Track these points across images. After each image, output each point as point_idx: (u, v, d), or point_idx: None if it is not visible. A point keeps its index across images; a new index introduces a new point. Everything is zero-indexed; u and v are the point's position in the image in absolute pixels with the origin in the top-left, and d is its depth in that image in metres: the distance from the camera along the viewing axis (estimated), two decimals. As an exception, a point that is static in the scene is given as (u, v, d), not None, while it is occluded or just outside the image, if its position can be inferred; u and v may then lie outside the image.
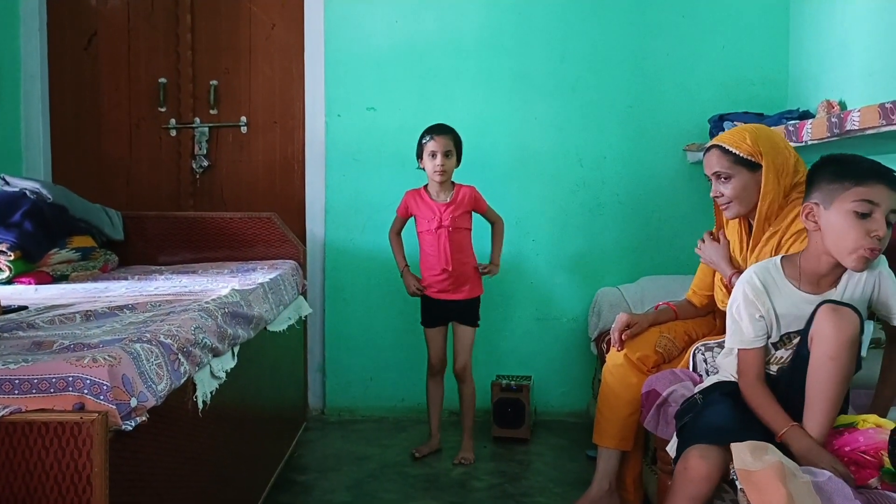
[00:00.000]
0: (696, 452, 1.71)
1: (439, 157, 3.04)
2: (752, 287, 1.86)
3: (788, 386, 1.77)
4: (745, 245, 2.24)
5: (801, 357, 1.74)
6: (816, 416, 1.67)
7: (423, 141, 3.10)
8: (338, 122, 3.71)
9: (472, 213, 3.18)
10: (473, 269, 3.16)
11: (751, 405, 1.79)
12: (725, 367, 2.02)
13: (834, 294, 1.80)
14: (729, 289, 2.20)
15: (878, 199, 1.69)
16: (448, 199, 3.12)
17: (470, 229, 3.17)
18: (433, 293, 3.15)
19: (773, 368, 1.85)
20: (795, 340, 1.81)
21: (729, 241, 2.30)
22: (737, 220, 2.27)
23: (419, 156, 3.13)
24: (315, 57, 3.71)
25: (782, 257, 1.91)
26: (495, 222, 3.24)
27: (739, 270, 2.19)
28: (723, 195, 2.20)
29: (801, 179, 2.18)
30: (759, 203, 2.15)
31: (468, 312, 3.16)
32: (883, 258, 1.81)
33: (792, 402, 1.73)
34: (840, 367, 1.63)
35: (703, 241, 2.37)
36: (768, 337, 1.85)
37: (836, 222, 1.73)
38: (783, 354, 1.84)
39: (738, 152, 2.17)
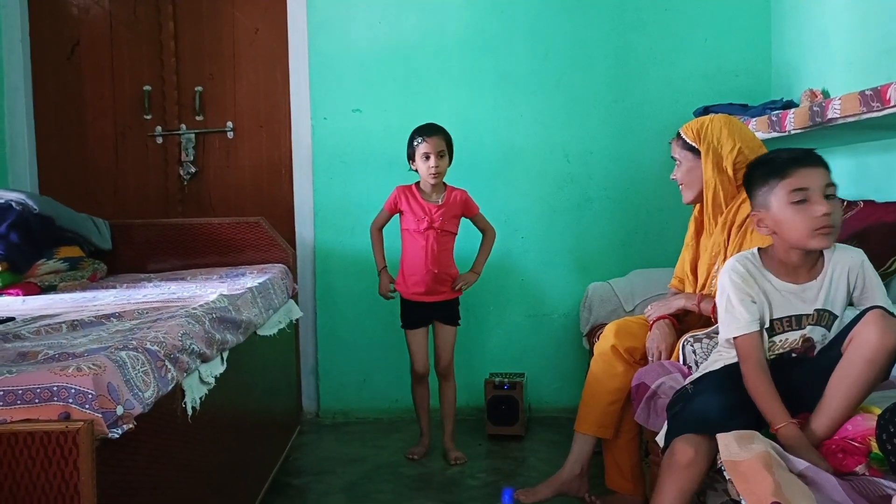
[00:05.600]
0: (682, 441, 1.72)
1: (433, 158, 3.01)
2: (738, 273, 1.84)
3: (806, 377, 1.76)
4: (706, 231, 2.36)
5: (828, 357, 1.73)
6: (832, 412, 1.64)
7: (415, 143, 3.06)
8: (324, 124, 3.71)
9: (461, 218, 3.17)
10: (454, 275, 3.15)
11: (752, 392, 1.77)
12: (724, 354, 1.97)
13: (814, 285, 1.82)
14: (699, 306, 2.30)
15: (805, 184, 1.75)
16: (440, 201, 3.10)
17: (455, 234, 3.15)
18: (412, 296, 3.14)
19: (773, 354, 1.85)
20: (791, 331, 1.83)
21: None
22: (699, 205, 2.39)
23: (411, 157, 3.09)
24: (299, 60, 3.71)
25: (759, 249, 1.91)
26: (486, 231, 3.22)
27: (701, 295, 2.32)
28: (676, 178, 2.40)
29: None
30: (704, 190, 2.29)
31: (448, 312, 3.16)
32: (860, 252, 1.83)
33: (804, 395, 1.72)
34: (872, 372, 1.62)
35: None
36: (762, 323, 1.82)
37: (783, 219, 1.78)
38: (783, 339, 1.84)
39: (685, 138, 2.34)
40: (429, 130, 3.06)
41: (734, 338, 1.83)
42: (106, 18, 3.81)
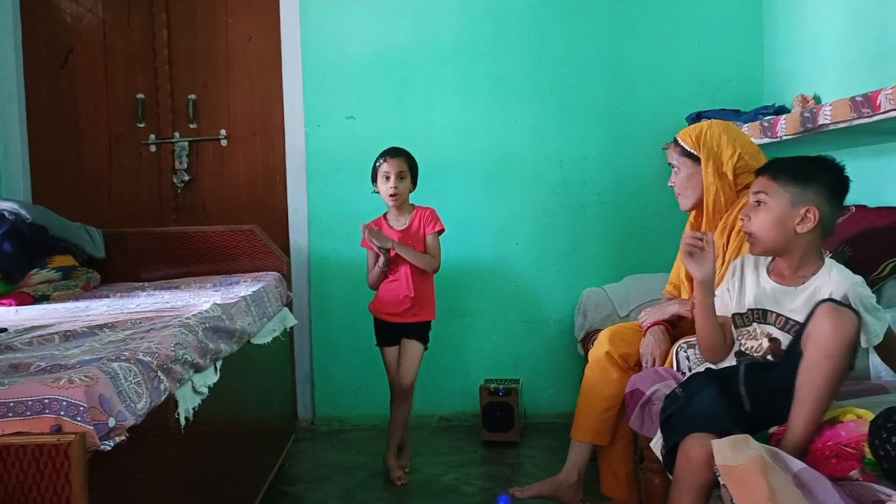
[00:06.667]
0: (695, 441, 1.72)
1: (392, 178, 2.97)
2: (732, 266, 1.99)
3: (774, 384, 1.77)
4: None
5: (793, 356, 1.73)
6: (806, 415, 1.65)
7: (377, 164, 3.03)
8: (318, 131, 3.71)
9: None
10: (429, 295, 3.09)
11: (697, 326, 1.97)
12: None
13: (794, 292, 1.85)
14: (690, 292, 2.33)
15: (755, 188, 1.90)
16: (406, 224, 3.05)
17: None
18: (384, 316, 3.08)
19: (747, 345, 1.91)
20: (759, 323, 1.89)
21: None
22: (696, 211, 2.41)
23: (374, 178, 3.06)
24: (293, 67, 3.71)
25: None
26: (430, 258, 3.03)
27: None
28: (674, 185, 2.40)
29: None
30: (703, 196, 2.30)
31: (418, 331, 3.08)
32: (856, 283, 1.80)
33: (776, 401, 1.73)
34: (834, 366, 1.62)
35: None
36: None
37: None
38: (752, 330, 1.90)
39: (683, 145, 2.34)
40: (391, 152, 3.03)
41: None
42: (99, 26, 3.81)
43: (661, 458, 1.89)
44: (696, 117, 3.33)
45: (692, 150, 2.31)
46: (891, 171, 2.63)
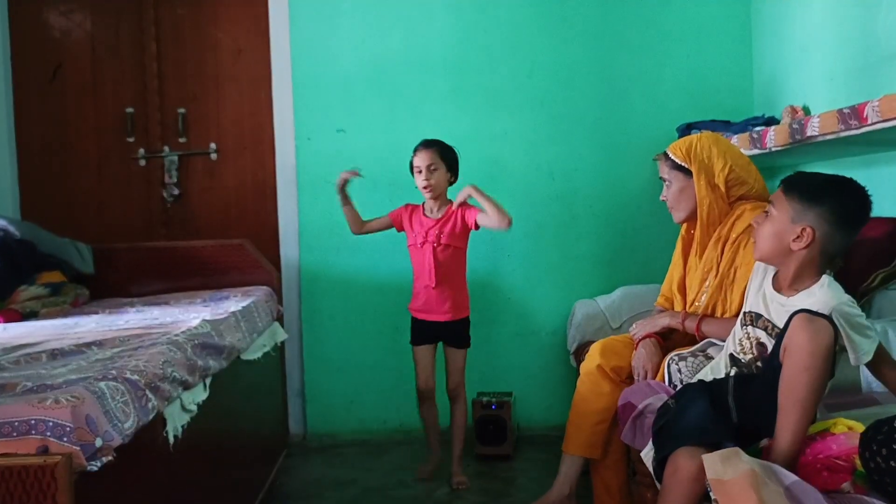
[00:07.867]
0: (685, 453, 1.71)
1: (424, 171, 2.99)
2: (755, 267, 2.01)
3: (757, 396, 1.77)
4: (695, 249, 2.37)
5: (772, 368, 1.74)
6: (791, 427, 1.65)
7: (412, 158, 3.05)
8: (308, 145, 3.71)
9: (470, 232, 3.06)
10: (460, 290, 3.08)
11: None
12: (704, 373, 2.06)
13: (786, 301, 1.86)
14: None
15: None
16: (440, 215, 3.05)
17: (462, 248, 3.06)
18: (417, 313, 3.09)
19: (739, 346, 1.95)
20: (751, 326, 1.93)
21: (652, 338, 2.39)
22: (688, 223, 2.42)
23: (412, 172, 3.07)
24: (283, 81, 3.70)
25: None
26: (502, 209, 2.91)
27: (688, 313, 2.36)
28: (666, 199, 2.40)
29: (751, 192, 2.28)
30: (697, 208, 2.30)
31: (456, 334, 3.10)
32: (842, 303, 1.77)
33: (760, 413, 1.73)
34: (813, 378, 1.62)
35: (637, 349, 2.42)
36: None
37: None
38: (745, 333, 1.95)
39: (674, 158, 2.34)
40: (423, 144, 3.04)
41: None
42: (88, 41, 3.80)
43: (651, 469, 1.89)
44: (687, 128, 3.34)
45: (683, 164, 2.31)
46: (880, 181, 2.63)
